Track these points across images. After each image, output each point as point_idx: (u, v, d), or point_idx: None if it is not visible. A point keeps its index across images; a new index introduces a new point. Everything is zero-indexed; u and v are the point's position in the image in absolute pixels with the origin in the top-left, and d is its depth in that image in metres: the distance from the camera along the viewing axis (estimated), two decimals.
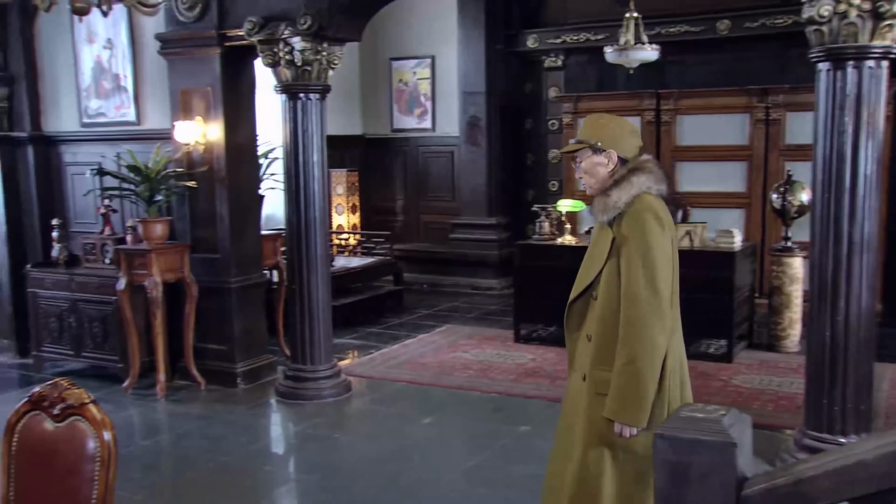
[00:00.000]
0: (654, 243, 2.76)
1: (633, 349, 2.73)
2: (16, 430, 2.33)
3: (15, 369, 7.00)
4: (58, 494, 2.24)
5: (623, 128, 2.97)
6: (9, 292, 7.14)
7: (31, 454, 2.30)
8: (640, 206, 2.80)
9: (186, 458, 5.08)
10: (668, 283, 2.77)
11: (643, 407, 2.74)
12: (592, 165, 2.91)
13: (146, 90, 6.51)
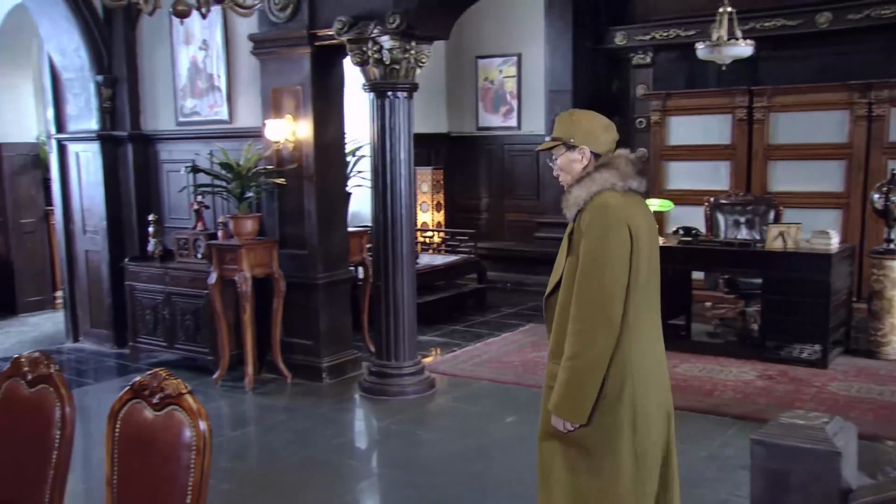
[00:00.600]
0: (608, 242, 2.73)
1: (574, 346, 2.74)
2: (118, 416, 2.40)
3: (113, 359, 7.27)
4: (156, 480, 2.30)
5: (596, 123, 2.95)
6: (108, 285, 7.41)
7: (132, 440, 2.38)
8: (598, 202, 2.79)
9: (273, 450, 5.18)
10: (619, 283, 2.72)
11: (579, 404, 2.74)
12: (568, 162, 2.91)
13: (238, 89, 6.67)
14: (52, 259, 9.34)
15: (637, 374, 2.80)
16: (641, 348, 2.82)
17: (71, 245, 7.72)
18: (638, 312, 2.80)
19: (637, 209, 2.85)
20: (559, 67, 9.63)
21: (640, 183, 2.88)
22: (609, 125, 2.98)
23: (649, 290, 2.86)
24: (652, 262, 2.86)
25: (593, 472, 2.83)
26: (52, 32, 7.22)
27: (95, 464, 4.89)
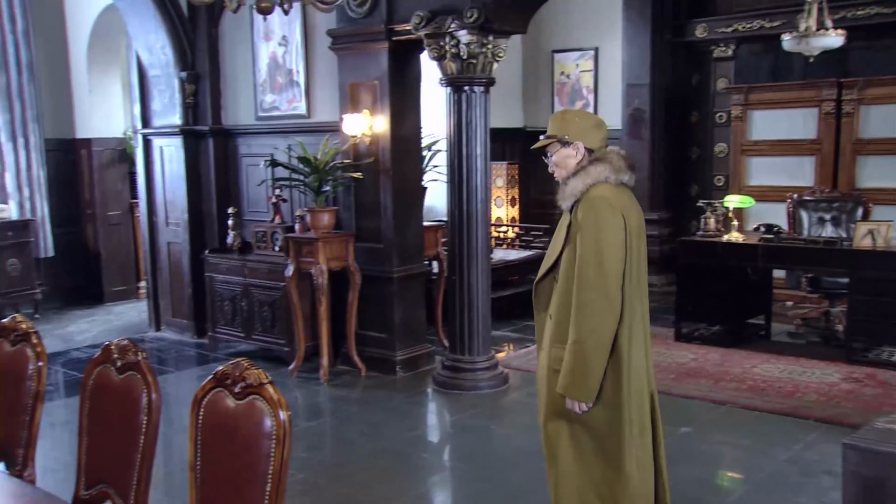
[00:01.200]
0: (604, 229, 2.91)
1: (580, 330, 2.91)
2: (202, 404, 2.46)
3: (193, 348, 7.45)
4: (238, 467, 2.35)
5: (588, 121, 3.17)
6: (189, 276, 7.61)
7: (215, 428, 2.43)
8: (593, 193, 2.97)
9: (347, 441, 5.24)
10: (617, 267, 2.91)
11: (588, 384, 2.92)
12: (563, 158, 3.10)
13: (316, 84, 6.75)
14: (137, 250, 9.63)
15: (630, 356, 2.98)
16: (632, 332, 2.99)
17: (154, 237, 7.94)
18: (630, 298, 2.97)
19: (628, 201, 3.04)
20: (637, 61, 9.47)
21: (630, 177, 3.08)
22: (600, 122, 3.21)
23: (639, 278, 3.03)
24: (641, 251, 3.04)
25: (599, 450, 3.02)
26: (140, 31, 7.44)
27: (175, 449, 5.04)
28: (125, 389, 2.70)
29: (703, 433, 5.13)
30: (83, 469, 2.81)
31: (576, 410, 2.97)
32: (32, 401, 2.95)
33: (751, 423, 5.28)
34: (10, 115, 8.56)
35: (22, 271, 8.51)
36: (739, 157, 8.56)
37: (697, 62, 9.63)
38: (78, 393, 5.90)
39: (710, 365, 6.43)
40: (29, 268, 8.60)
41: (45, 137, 8.91)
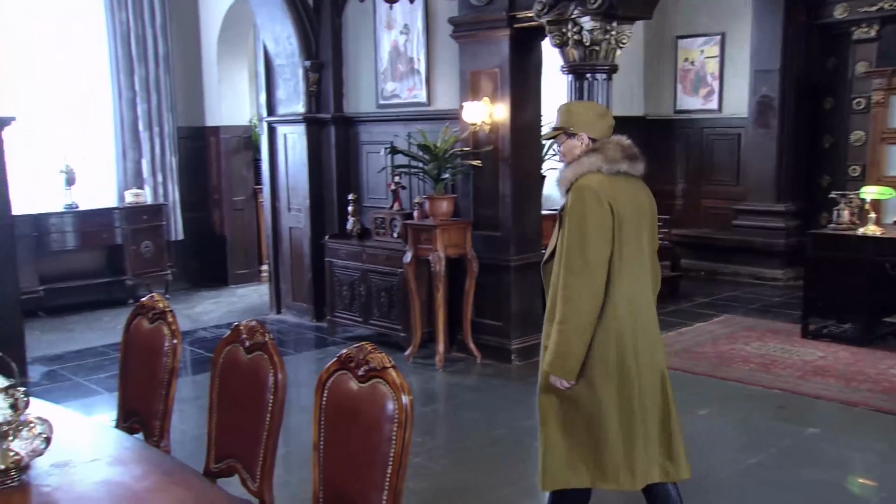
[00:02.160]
0: (588, 217, 3.02)
1: (562, 311, 3.05)
2: (326, 386, 2.51)
3: (312, 331, 7.65)
4: (359, 448, 2.39)
5: (591, 112, 3.31)
6: (309, 261, 7.81)
7: (338, 409, 2.47)
8: (581, 182, 3.09)
9: (461, 428, 5.27)
10: (600, 253, 3.03)
11: (568, 363, 3.07)
12: (569, 148, 3.22)
13: (437, 72, 6.79)
14: (259, 235, 9.96)
15: (622, 337, 3.10)
16: (627, 314, 3.11)
17: (277, 222, 8.18)
18: (623, 283, 3.10)
19: (624, 190, 3.13)
20: (767, 45, 9.09)
21: (630, 166, 3.17)
22: (604, 112, 3.33)
23: (638, 263, 3.16)
24: (642, 236, 3.17)
25: (584, 424, 3.17)
26: (267, 22, 7.66)
27: (293, 428, 5.17)
28: (253, 368, 2.79)
29: (831, 435, 4.91)
30: (213, 443, 2.91)
31: (558, 386, 3.15)
32: (168, 376, 3.09)
33: (887, 428, 5.01)
34: (147, 105, 9.00)
35: (154, 253, 8.94)
36: (879, 146, 8.11)
37: (833, 45, 9.17)
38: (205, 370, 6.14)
39: (840, 364, 6.14)
40: (161, 250, 9.02)
41: (177, 126, 9.33)
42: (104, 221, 8.66)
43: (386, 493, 2.32)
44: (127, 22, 8.80)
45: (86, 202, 8.68)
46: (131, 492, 2.38)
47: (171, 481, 2.43)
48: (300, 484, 4.25)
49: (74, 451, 2.63)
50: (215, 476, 2.85)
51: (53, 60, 8.67)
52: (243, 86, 9.79)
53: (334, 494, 2.46)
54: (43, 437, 2.35)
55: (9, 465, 2.29)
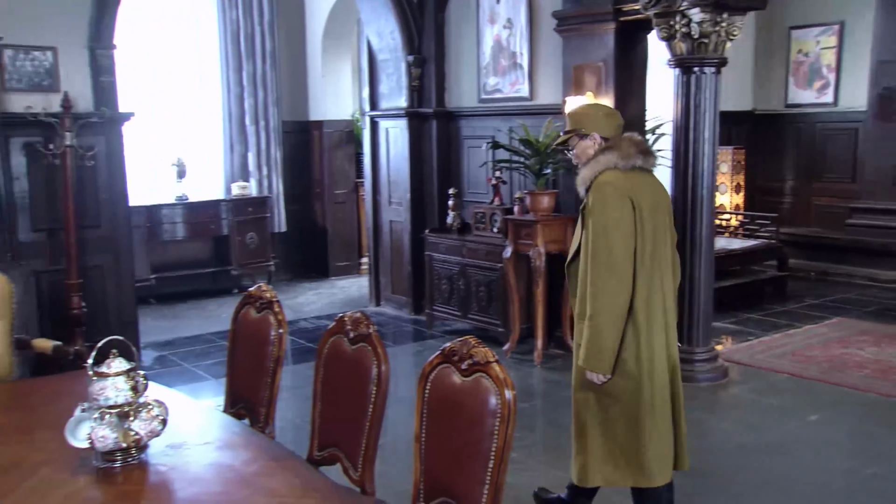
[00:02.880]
0: (610, 212, 3.12)
1: (593, 306, 3.13)
2: (429, 379, 2.52)
3: (410, 324, 7.71)
4: (461, 442, 2.39)
5: (600, 112, 3.45)
6: (409, 255, 7.87)
7: (440, 402, 2.48)
8: (601, 179, 3.19)
9: (560, 425, 5.20)
10: (625, 246, 3.10)
11: (603, 357, 3.13)
12: (583, 149, 3.34)
13: (540, 67, 6.74)
14: (360, 228, 10.11)
15: (651, 330, 3.17)
16: (650, 309, 3.18)
17: (377, 215, 8.28)
18: (648, 275, 3.17)
19: (641, 184, 3.22)
20: (891, 34, 8.62)
21: (645, 160, 3.28)
22: (612, 112, 3.48)
23: (658, 255, 3.21)
24: (661, 229, 3.23)
25: (622, 418, 3.23)
26: (371, 17, 7.76)
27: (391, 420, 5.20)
28: (356, 359, 2.82)
29: None
30: (316, 431, 2.97)
31: (595, 381, 3.20)
32: (273, 364, 3.16)
33: None
34: (254, 99, 9.25)
35: (258, 244, 9.19)
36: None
37: None
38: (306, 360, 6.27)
39: None
40: (265, 241, 9.27)
41: (282, 120, 9.56)
42: (212, 213, 8.95)
43: (487, 486, 2.31)
44: (237, 20, 9.06)
45: (195, 194, 8.99)
46: (240, 475, 2.45)
47: (278, 466, 2.49)
48: (399, 474, 4.29)
49: (187, 434, 2.72)
50: (318, 464, 2.90)
51: (168, 59, 9.01)
52: (346, 81, 9.96)
53: (435, 486, 2.47)
54: (160, 419, 2.45)
55: (129, 444, 2.39)
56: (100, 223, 6.29)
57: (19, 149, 5.88)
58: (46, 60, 5.94)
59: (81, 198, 6.06)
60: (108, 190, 6.32)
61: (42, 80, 5.94)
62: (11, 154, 5.80)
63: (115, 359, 2.46)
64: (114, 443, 2.37)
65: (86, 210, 6.14)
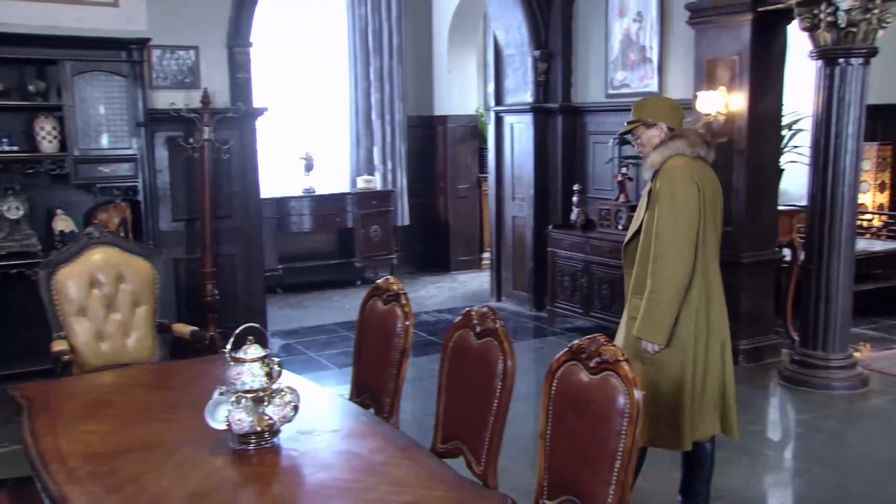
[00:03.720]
0: (680, 195, 3.30)
1: (656, 280, 3.33)
2: (556, 375, 2.49)
3: (531, 320, 7.68)
4: (586, 440, 2.36)
5: (666, 104, 3.61)
6: (531, 251, 7.84)
7: (567, 399, 2.45)
8: (670, 164, 3.37)
9: None
10: (691, 228, 3.30)
11: (660, 328, 3.35)
12: (648, 138, 3.49)
13: (670, 61, 6.57)
14: (482, 223, 10.14)
15: (701, 308, 3.39)
16: (706, 289, 3.40)
17: (500, 211, 8.28)
18: (705, 257, 3.37)
19: (703, 172, 3.41)
20: None
21: (707, 152, 3.46)
22: (676, 105, 3.61)
23: (715, 240, 3.44)
24: (716, 217, 3.43)
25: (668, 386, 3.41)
26: (498, 12, 7.76)
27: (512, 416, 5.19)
28: (482, 354, 2.83)
29: None
30: (440, 424, 2.99)
31: (648, 350, 3.41)
32: (399, 356, 3.21)
33: None
34: (380, 94, 9.42)
35: (382, 237, 9.35)
36: None
37: None
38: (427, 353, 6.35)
39: None
40: (388, 234, 9.42)
41: (407, 115, 9.69)
42: (337, 206, 9.17)
43: (613, 486, 2.28)
44: (365, 16, 9.25)
45: (322, 187, 9.23)
46: (368, 463, 2.50)
47: (404, 457, 2.52)
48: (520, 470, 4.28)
49: (317, 421, 2.80)
50: (441, 456, 2.92)
51: (299, 55, 9.29)
52: (472, 76, 10.00)
53: (559, 483, 2.45)
54: (292, 405, 2.52)
55: (263, 428, 2.47)
56: (232, 214, 6.55)
57: (162, 143, 6.20)
58: (189, 59, 6.22)
59: (216, 189, 6.32)
60: (240, 182, 6.57)
61: (185, 77, 6.23)
62: (156, 147, 6.11)
63: (251, 345, 2.55)
64: (249, 426, 2.46)
65: (220, 201, 6.40)
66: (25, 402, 3.03)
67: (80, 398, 3.13)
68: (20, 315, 5.62)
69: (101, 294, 4.21)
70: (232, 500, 2.28)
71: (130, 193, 5.86)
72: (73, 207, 5.87)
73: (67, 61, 5.51)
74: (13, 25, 5.57)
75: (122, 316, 4.26)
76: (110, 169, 5.73)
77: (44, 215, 5.80)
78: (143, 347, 4.30)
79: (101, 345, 4.18)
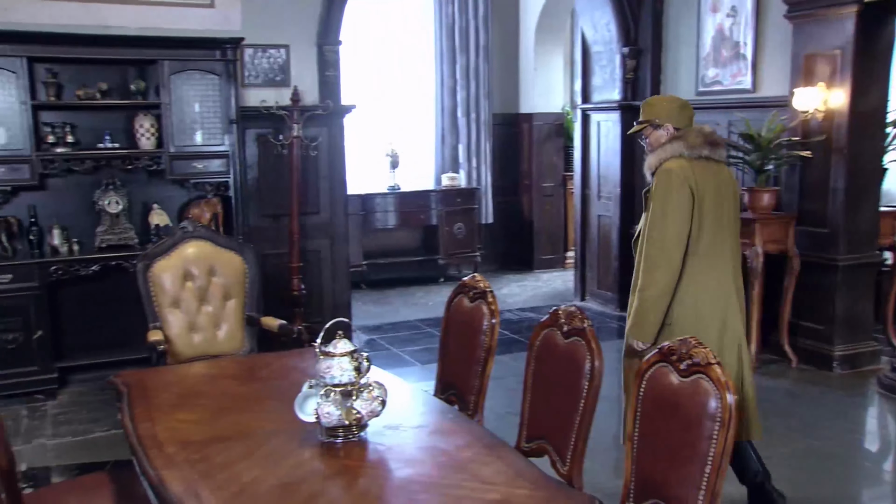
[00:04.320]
0: (669, 196, 3.39)
1: (644, 280, 3.47)
2: (644, 377, 2.45)
3: (615, 321, 7.58)
4: (676, 443, 2.31)
5: (674, 105, 3.63)
6: (617, 250, 7.74)
7: (656, 401, 2.41)
8: (664, 167, 3.46)
9: (773, 433, 4.90)
10: (679, 230, 3.39)
11: (646, 327, 3.47)
12: (656, 138, 3.57)
13: (765, 57, 6.38)
14: (566, 221, 10.05)
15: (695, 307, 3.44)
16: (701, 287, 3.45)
17: (585, 209, 8.20)
18: (703, 258, 3.44)
19: (706, 173, 3.44)
20: None
21: (712, 151, 3.48)
22: (685, 104, 3.64)
23: (719, 240, 3.47)
24: (723, 217, 3.48)
25: None
26: (586, 8, 7.68)
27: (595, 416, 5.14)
28: (569, 353, 2.80)
29: None
30: (525, 422, 2.98)
31: (636, 348, 3.53)
32: (485, 354, 3.20)
33: None
34: (466, 92, 9.44)
35: (466, 235, 9.36)
36: None
37: None
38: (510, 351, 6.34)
39: None
40: (472, 232, 9.43)
41: (492, 112, 9.68)
42: (422, 203, 9.22)
43: (703, 492, 2.23)
44: (452, 14, 9.28)
45: (406, 184, 9.30)
46: (454, 460, 2.50)
47: (491, 454, 2.51)
48: (603, 471, 4.24)
49: (403, 416, 2.82)
50: (525, 454, 2.91)
51: (386, 53, 9.37)
52: (558, 73, 9.92)
53: (646, 487, 2.41)
54: (380, 400, 2.55)
55: (351, 422, 2.50)
56: (319, 210, 6.67)
57: (252, 139, 6.35)
58: (280, 57, 6.35)
59: (304, 186, 6.44)
60: (328, 178, 6.68)
61: (275, 75, 6.36)
62: (246, 144, 6.26)
63: (340, 340, 2.58)
64: (337, 420, 2.49)
65: (307, 197, 6.52)
66: (125, 389, 3.14)
67: (174, 387, 3.23)
68: (117, 305, 5.85)
69: (195, 287, 4.34)
70: (320, 492, 2.31)
71: (222, 189, 6.02)
72: (168, 202, 6.07)
73: (166, 61, 5.69)
74: (116, 28, 5.80)
75: (213, 308, 4.37)
76: (203, 165, 5.90)
77: (141, 210, 6.01)
78: (233, 339, 4.41)
79: (194, 336, 4.31)
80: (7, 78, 5.38)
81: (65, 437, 4.94)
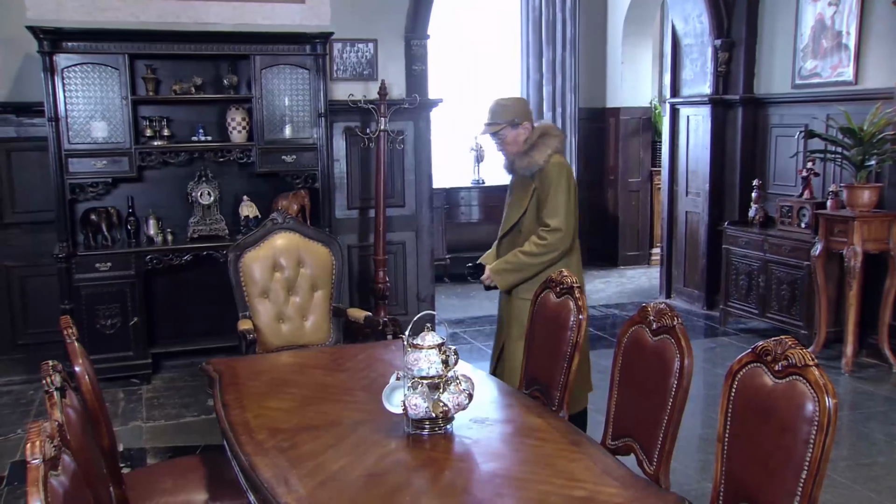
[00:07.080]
0: (569, 187, 3.80)
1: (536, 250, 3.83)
2: (736, 377, 2.38)
3: (702, 319, 7.42)
4: (769, 447, 2.24)
5: (523, 103, 4.01)
6: (705, 247, 7.56)
7: (748, 402, 2.34)
8: (556, 160, 3.81)
9: (871, 440, 4.77)
10: (575, 218, 3.83)
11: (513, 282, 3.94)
12: (515, 137, 3.88)
13: (869, 47, 6.12)
14: (652, 218, 9.87)
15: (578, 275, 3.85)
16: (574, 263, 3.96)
17: (673, 205, 8.04)
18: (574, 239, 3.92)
19: None
20: None
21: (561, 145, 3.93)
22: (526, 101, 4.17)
23: None
24: None
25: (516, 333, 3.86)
26: (678, 0, 7.51)
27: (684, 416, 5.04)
28: (658, 351, 2.75)
29: None
30: (611, 420, 2.93)
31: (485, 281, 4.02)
32: (571, 350, 3.17)
33: None
34: (552, 86, 9.36)
35: None
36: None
37: None
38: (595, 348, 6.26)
39: None
40: None
41: (578, 107, 9.57)
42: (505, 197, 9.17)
43: (798, 499, 2.15)
44: (539, 7, 9.21)
45: (491, 178, 9.28)
46: (539, 455, 2.48)
47: (577, 451, 2.49)
48: (690, 472, 4.16)
49: (489, 410, 2.82)
50: (611, 452, 2.87)
51: (473, 47, 9.37)
52: (646, 67, 9.74)
53: (737, 491, 2.35)
54: (466, 393, 2.55)
55: (438, 414, 2.51)
56: (404, 203, 6.71)
57: (340, 133, 6.43)
58: (368, 51, 6.42)
59: (390, 178, 6.50)
60: (414, 172, 6.72)
61: (363, 69, 6.43)
62: (334, 137, 6.35)
63: (429, 333, 2.59)
64: (424, 412, 2.50)
65: (393, 190, 6.57)
66: (216, 376, 3.23)
67: (264, 375, 3.30)
68: (208, 294, 6.02)
69: (283, 277, 4.42)
70: (406, 483, 2.32)
71: (310, 181, 6.12)
72: (258, 194, 6.20)
73: (257, 56, 5.82)
74: (211, 24, 5.96)
75: (300, 299, 4.45)
76: (292, 158, 6.00)
77: (232, 201, 6.16)
78: (320, 330, 4.48)
79: (282, 326, 4.39)
80: (110, 74, 5.58)
81: (158, 420, 5.12)
